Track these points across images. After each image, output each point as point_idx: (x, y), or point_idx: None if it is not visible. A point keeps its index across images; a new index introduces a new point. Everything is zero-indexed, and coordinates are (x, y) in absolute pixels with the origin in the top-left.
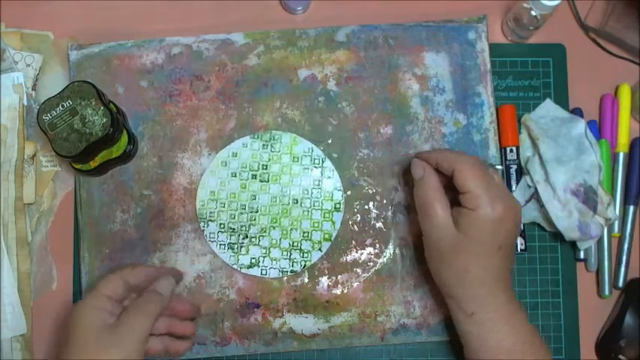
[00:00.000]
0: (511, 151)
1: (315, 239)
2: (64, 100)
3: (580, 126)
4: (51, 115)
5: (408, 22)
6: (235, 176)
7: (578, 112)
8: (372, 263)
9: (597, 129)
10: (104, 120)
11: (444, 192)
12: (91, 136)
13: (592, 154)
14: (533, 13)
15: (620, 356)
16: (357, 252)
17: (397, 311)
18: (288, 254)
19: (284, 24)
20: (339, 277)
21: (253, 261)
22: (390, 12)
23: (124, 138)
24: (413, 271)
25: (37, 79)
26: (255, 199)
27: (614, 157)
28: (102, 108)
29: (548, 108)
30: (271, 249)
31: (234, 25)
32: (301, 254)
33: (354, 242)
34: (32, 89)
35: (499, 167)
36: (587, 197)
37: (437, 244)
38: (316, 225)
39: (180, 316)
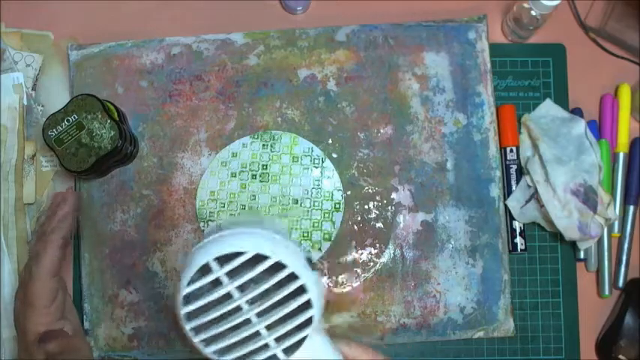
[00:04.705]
0: (511, 151)
1: (315, 239)
2: (68, 115)
3: (580, 126)
4: (57, 130)
5: (407, 22)
6: (235, 176)
7: (578, 112)
8: (372, 263)
9: (597, 129)
10: (112, 133)
11: None
12: (100, 149)
13: (592, 154)
14: (533, 13)
15: (620, 356)
16: (357, 252)
17: (397, 311)
18: None
19: (284, 24)
20: (339, 277)
21: None
22: (390, 12)
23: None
24: (413, 271)
25: (37, 79)
26: (255, 199)
27: (614, 157)
28: (108, 121)
29: (548, 108)
30: None
31: (234, 25)
32: None
33: (354, 242)
34: (32, 89)
35: None
36: (587, 197)
37: None
38: (316, 225)
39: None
